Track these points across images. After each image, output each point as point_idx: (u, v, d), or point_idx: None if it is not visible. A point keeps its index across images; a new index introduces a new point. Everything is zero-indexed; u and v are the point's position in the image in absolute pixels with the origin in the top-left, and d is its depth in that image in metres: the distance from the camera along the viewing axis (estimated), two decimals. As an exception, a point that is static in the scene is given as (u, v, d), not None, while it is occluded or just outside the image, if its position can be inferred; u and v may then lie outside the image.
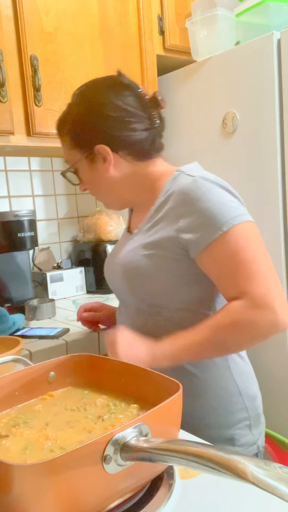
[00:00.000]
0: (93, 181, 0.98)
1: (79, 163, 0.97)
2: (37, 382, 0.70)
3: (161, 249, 0.89)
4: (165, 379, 0.60)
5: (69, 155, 0.99)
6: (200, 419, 0.93)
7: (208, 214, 0.82)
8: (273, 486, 0.36)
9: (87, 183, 1.00)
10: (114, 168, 0.94)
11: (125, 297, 1.01)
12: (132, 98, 0.92)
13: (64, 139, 0.98)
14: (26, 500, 0.44)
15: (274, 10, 1.49)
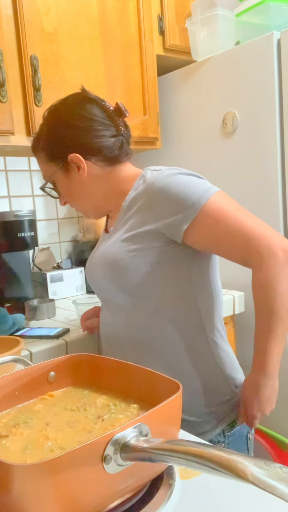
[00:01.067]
0: (70, 190, 1.04)
1: (55, 175, 1.03)
2: (37, 382, 0.70)
3: (139, 240, 0.94)
4: (165, 379, 0.60)
5: (45, 170, 1.05)
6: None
7: (182, 195, 0.89)
8: (273, 486, 0.36)
9: (65, 195, 1.06)
10: (88, 174, 1.01)
11: (108, 294, 1.03)
12: (98, 109, 1.00)
13: (40, 155, 1.04)
14: (26, 500, 0.44)
15: (274, 10, 1.50)
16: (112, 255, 0.97)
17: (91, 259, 1.09)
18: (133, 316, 0.99)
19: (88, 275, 1.10)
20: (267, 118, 1.48)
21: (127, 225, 0.97)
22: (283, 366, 1.52)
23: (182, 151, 1.78)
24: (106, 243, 1.02)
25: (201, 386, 0.96)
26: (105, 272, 0.99)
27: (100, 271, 1.01)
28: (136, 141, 1.68)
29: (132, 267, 0.94)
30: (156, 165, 1.04)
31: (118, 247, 0.96)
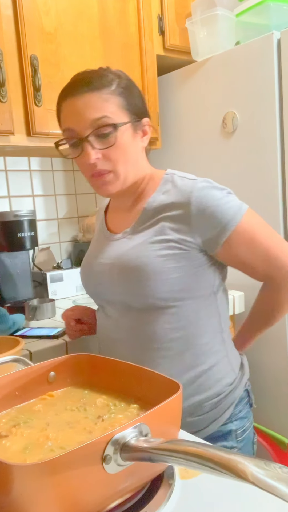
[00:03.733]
0: (125, 150, 0.92)
1: (124, 127, 0.92)
2: (37, 382, 0.70)
3: (171, 245, 0.91)
4: (165, 379, 0.60)
5: (115, 113, 0.91)
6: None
7: (220, 212, 0.90)
8: (273, 486, 0.36)
9: (116, 150, 0.91)
10: (143, 147, 0.97)
11: (120, 298, 0.97)
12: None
13: (111, 94, 0.91)
14: (26, 500, 0.44)
15: (274, 10, 1.50)
16: (140, 258, 0.91)
17: (95, 260, 1.02)
18: (149, 319, 0.95)
19: (87, 277, 1.05)
20: (267, 118, 1.48)
21: (156, 229, 0.93)
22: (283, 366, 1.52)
23: (182, 151, 1.78)
24: (126, 244, 0.96)
25: (215, 384, 0.97)
26: (122, 275, 0.94)
27: (113, 273, 0.96)
28: (136, 141, 1.68)
29: (162, 272, 0.90)
30: (156, 165, 1.03)
31: (147, 250, 0.92)
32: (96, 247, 1.06)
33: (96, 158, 0.90)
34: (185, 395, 0.90)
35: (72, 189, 2.00)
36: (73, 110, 0.90)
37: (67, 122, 0.92)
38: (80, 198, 2.03)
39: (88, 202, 2.06)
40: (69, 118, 0.92)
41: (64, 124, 0.94)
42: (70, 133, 0.92)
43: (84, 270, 1.08)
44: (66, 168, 1.97)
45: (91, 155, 0.89)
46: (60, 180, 1.95)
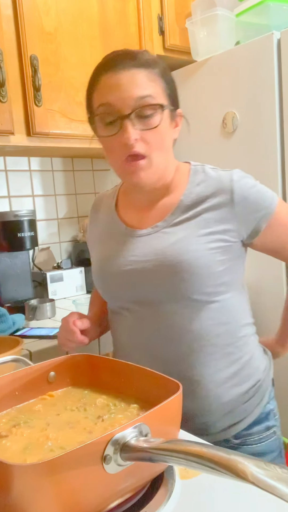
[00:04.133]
0: (163, 135, 0.88)
1: (165, 112, 0.87)
2: (37, 382, 0.70)
3: (218, 237, 0.88)
4: (165, 379, 0.60)
5: (159, 96, 0.86)
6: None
7: (260, 196, 0.90)
8: (273, 486, 0.36)
9: (156, 132, 0.86)
10: (174, 139, 0.94)
11: (159, 297, 0.90)
12: None
13: (158, 78, 0.87)
14: (26, 500, 0.44)
15: (274, 10, 1.49)
16: (190, 252, 0.86)
17: (122, 259, 0.93)
18: (193, 317, 0.90)
19: (114, 278, 0.94)
20: (267, 118, 1.48)
21: (199, 221, 0.89)
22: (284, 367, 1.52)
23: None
24: (156, 239, 0.91)
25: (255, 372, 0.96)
26: (166, 271, 0.87)
27: (154, 270, 0.88)
28: (136, 141, 1.68)
29: (210, 266, 0.87)
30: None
31: (196, 243, 0.87)
32: (114, 246, 0.97)
33: (135, 139, 0.83)
34: (230, 386, 0.91)
35: (72, 189, 2.00)
36: (115, 84, 0.83)
37: (105, 97, 0.84)
38: (80, 198, 2.03)
39: (88, 202, 2.05)
40: (109, 93, 0.83)
41: (101, 99, 0.85)
42: (107, 109, 0.84)
43: (104, 272, 0.97)
44: (66, 168, 1.97)
45: (131, 134, 0.82)
46: (60, 180, 1.95)
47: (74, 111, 1.49)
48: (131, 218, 0.98)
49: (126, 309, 0.96)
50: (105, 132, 0.86)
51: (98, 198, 1.11)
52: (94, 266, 1.01)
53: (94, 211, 1.10)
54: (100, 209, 1.07)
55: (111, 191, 1.09)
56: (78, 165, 2.01)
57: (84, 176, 2.04)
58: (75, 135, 1.50)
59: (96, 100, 0.87)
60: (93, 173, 2.07)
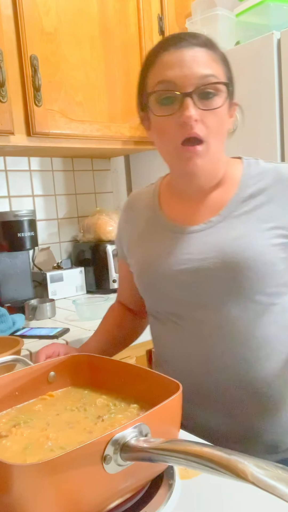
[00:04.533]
0: (222, 120, 0.82)
1: (225, 95, 0.81)
2: (37, 382, 0.70)
3: (281, 233, 0.82)
4: (165, 379, 0.60)
5: (220, 77, 0.81)
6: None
7: None
8: (273, 486, 0.36)
9: (217, 115, 0.80)
10: (229, 129, 0.88)
11: (217, 300, 0.82)
12: None
13: (220, 61, 0.82)
14: (26, 500, 0.44)
15: (274, 10, 1.49)
16: (254, 249, 0.79)
17: (173, 258, 0.85)
18: (256, 323, 0.82)
19: (166, 278, 0.86)
20: (267, 118, 1.48)
21: (259, 215, 0.82)
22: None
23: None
24: (213, 235, 0.83)
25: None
26: (228, 269, 0.80)
27: (214, 268, 0.80)
28: (136, 141, 1.68)
29: (274, 263, 0.80)
30: (156, 165, 1.01)
31: (259, 239, 0.80)
32: (161, 245, 0.89)
33: (195, 120, 0.77)
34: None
35: (72, 189, 2.00)
36: (177, 61, 0.78)
37: (165, 74, 0.78)
38: (80, 198, 2.03)
39: (88, 202, 2.06)
40: (170, 70, 0.78)
41: (160, 76, 0.79)
42: (167, 86, 0.78)
43: (152, 273, 0.88)
44: (66, 168, 1.97)
45: (192, 113, 0.76)
46: (60, 180, 1.95)
47: (74, 111, 1.49)
48: (178, 214, 0.90)
49: (179, 314, 0.87)
50: (162, 111, 0.79)
51: (133, 196, 1.03)
52: (136, 268, 0.93)
53: (129, 210, 1.01)
54: (137, 207, 0.99)
55: (149, 187, 1.01)
56: (78, 165, 2.01)
57: (84, 176, 2.04)
58: (75, 135, 1.50)
59: (154, 77, 0.81)
60: (93, 173, 2.07)
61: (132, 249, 0.97)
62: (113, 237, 1.82)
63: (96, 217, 1.87)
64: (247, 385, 0.82)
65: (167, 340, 0.90)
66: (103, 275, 1.80)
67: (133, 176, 2.08)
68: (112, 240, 1.82)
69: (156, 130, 0.84)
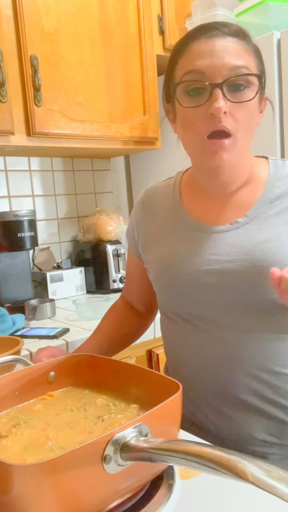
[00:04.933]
0: (252, 114, 0.78)
1: (257, 88, 0.77)
2: (37, 382, 0.70)
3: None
4: (165, 379, 0.60)
5: (252, 69, 0.77)
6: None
7: None
8: (273, 486, 0.36)
9: (246, 108, 0.76)
10: (258, 124, 0.83)
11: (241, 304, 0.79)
12: None
13: (253, 53, 0.80)
14: (25, 500, 0.44)
15: (274, 10, 1.49)
16: (285, 253, 0.75)
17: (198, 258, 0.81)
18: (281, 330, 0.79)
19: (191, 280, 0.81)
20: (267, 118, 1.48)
21: (287, 217, 0.78)
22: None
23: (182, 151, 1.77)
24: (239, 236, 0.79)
25: None
26: (255, 273, 0.76)
27: (244, 273, 0.77)
28: (136, 141, 1.68)
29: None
30: (156, 165, 1.00)
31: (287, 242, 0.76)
32: (183, 243, 0.84)
33: (224, 112, 0.73)
34: None
35: (72, 189, 2.00)
36: (208, 50, 0.74)
37: (195, 63, 0.75)
38: (80, 198, 2.03)
39: (88, 202, 2.06)
40: (200, 59, 0.74)
41: (189, 65, 0.76)
42: (196, 76, 0.74)
43: (173, 272, 0.84)
44: (66, 168, 1.97)
45: (222, 105, 0.72)
46: (60, 180, 1.95)
47: (74, 111, 1.49)
48: (201, 212, 0.86)
49: (202, 317, 0.82)
50: (189, 102, 0.76)
51: (151, 190, 0.97)
52: (154, 266, 0.88)
53: (146, 204, 0.96)
54: (156, 201, 0.94)
55: (167, 182, 0.97)
56: (78, 165, 2.01)
57: (84, 176, 2.04)
58: (75, 135, 1.50)
59: (183, 67, 0.77)
60: (93, 173, 2.07)
61: (149, 245, 0.92)
62: (113, 237, 1.82)
63: (96, 217, 1.87)
64: (271, 395, 0.79)
65: (186, 342, 0.85)
66: (103, 275, 1.80)
67: (133, 176, 2.08)
68: (112, 240, 1.82)
69: (182, 122, 0.79)
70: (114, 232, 1.83)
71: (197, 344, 0.83)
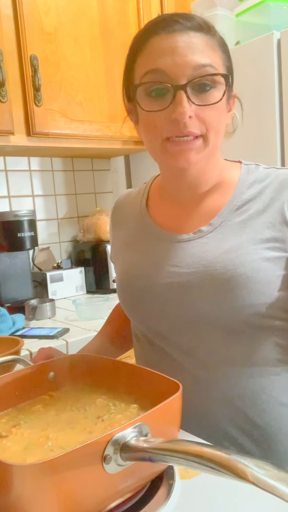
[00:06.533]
0: (221, 115, 0.72)
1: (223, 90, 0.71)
2: (37, 382, 0.70)
3: (275, 246, 0.71)
4: (165, 379, 0.60)
5: (219, 66, 0.70)
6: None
7: None
8: (273, 486, 0.36)
9: (214, 110, 0.70)
10: (227, 124, 0.77)
11: (210, 319, 0.73)
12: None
13: (218, 48, 0.72)
14: (25, 500, 0.44)
15: (274, 10, 1.49)
16: (248, 264, 0.69)
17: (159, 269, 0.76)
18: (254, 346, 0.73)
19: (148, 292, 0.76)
20: (267, 118, 1.48)
21: (254, 226, 0.72)
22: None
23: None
24: (202, 246, 0.74)
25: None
26: (218, 286, 0.70)
27: (203, 285, 0.71)
28: (135, 141, 1.68)
29: (274, 281, 0.70)
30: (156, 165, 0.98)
31: (252, 253, 0.70)
32: (145, 254, 0.80)
33: (189, 117, 0.67)
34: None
35: (72, 189, 2.00)
36: (169, 48, 0.67)
37: (156, 62, 0.68)
38: (80, 198, 2.03)
39: (88, 202, 2.06)
40: (161, 57, 0.68)
41: (149, 64, 0.69)
42: (157, 76, 0.68)
43: (132, 286, 0.79)
44: (66, 168, 1.97)
45: (187, 109, 0.66)
46: (60, 180, 1.95)
47: (74, 111, 1.49)
48: (166, 220, 0.81)
49: (163, 336, 0.77)
50: (150, 105, 0.69)
51: (122, 197, 0.94)
52: (118, 278, 0.84)
53: (117, 212, 0.93)
54: (125, 210, 0.90)
55: (138, 189, 0.93)
56: (78, 165, 2.01)
57: (84, 176, 2.04)
58: (75, 135, 1.50)
59: (142, 66, 0.71)
60: (93, 173, 2.08)
61: (116, 255, 0.88)
62: (113, 237, 1.82)
63: (96, 217, 1.87)
64: (245, 419, 0.74)
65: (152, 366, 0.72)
66: (103, 275, 1.80)
67: (133, 176, 2.08)
68: (112, 240, 1.82)
69: (143, 124, 0.73)
70: (114, 232, 1.83)
71: (163, 367, 0.73)
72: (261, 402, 0.73)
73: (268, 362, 0.74)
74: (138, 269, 0.79)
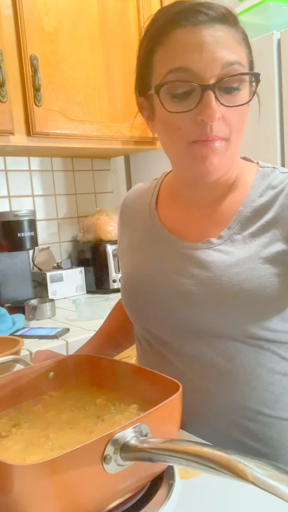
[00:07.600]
0: (245, 117, 0.70)
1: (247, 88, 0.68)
2: (37, 382, 0.70)
3: (285, 259, 0.68)
4: (165, 379, 0.60)
5: (245, 63, 0.68)
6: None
7: None
8: (273, 486, 0.36)
9: (240, 112, 0.68)
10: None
11: (213, 331, 0.70)
12: None
13: (244, 43, 0.70)
14: (25, 500, 0.44)
15: (274, 10, 1.49)
16: (255, 280, 0.66)
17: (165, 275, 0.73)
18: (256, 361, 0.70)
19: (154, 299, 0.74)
20: (267, 118, 1.48)
21: (263, 239, 0.69)
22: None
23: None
24: (210, 256, 0.70)
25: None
26: (222, 303, 0.68)
27: (209, 300, 0.68)
28: (136, 141, 1.68)
29: (280, 296, 0.67)
30: (156, 165, 0.97)
31: (262, 268, 0.67)
32: (151, 257, 0.77)
33: (218, 118, 0.63)
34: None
35: (72, 189, 2.00)
36: (196, 43, 0.62)
37: (182, 59, 0.62)
38: (80, 198, 2.03)
39: (88, 202, 2.06)
40: (187, 54, 0.62)
41: (173, 62, 0.63)
42: (183, 75, 0.63)
43: (136, 289, 0.76)
44: (66, 168, 1.97)
45: (216, 112, 0.62)
46: (60, 180, 1.95)
47: (74, 111, 1.49)
48: (176, 223, 0.77)
49: (166, 342, 0.75)
50: (175, 106, 0.64)
51: (132, 193, 0.90)
52: (122, 279, 0.81)
53: (126, 210, 0.88)
54: (134, 207, 0.86)
55: (149, 184, 0.88)
56: (78, 165, 2.01)
57: (84, 176, 2.04)
58: (75, 135, 1.50)
59: (165, 62, 0.65)
60: (93, 173, 2.08)
61: (123, 256, 0.85)
62: (113, 237, 1.82)
63: (96, 217, 1.87)
64: (246, 433, 0.71)
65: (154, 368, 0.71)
66: (103, 275, 1.80)
67: (133, 176, 2.08)
68: (112, 240, 1.82)
69: (164, 125, 0.69)
70: (114, 232, 1.83)
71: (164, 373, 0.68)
72: (263, 416, 0.71)
73: (273, 376, 0.71)
74: (143, 273, 0.76)
